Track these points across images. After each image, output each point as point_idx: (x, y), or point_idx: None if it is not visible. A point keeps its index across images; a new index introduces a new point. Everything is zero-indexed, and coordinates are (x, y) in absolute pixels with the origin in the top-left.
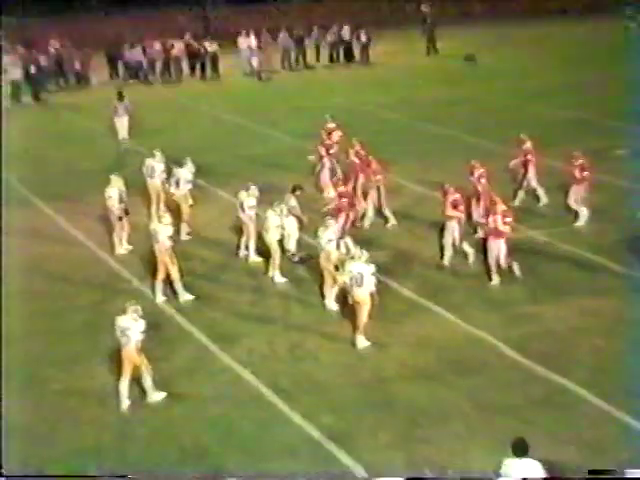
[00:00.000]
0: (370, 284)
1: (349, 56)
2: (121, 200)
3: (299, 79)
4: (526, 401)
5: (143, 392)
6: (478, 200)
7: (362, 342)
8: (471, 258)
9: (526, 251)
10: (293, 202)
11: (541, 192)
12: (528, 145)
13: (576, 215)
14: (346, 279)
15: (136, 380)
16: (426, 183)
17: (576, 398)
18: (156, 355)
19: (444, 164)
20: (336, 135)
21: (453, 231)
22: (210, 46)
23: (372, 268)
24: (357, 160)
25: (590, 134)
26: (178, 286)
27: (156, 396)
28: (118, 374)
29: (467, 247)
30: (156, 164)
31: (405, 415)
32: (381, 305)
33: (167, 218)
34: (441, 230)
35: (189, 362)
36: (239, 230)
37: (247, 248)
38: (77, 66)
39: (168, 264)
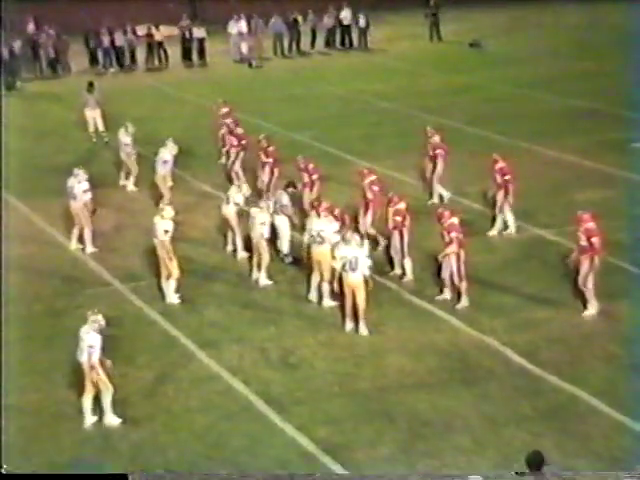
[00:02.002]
0: (364, 268)
1: (346, 42)
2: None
3: (292, 66)
4: (535, 411)
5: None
6: (367, 209)
7: (364, 329)
8: (409, 275)
9: (534, 251)
10: (285, 200)
11: (442, 190)
12: (437, 139)
13: (505, 223)
14: (338, 265)
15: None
16: (427, 178)
17: (588, 408)
18: (139, 362)
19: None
20: (228, 120)
21: (397, 241)
22: (197, 31)
23: (366, 251)
24: (266, 157)
25: (603, 125)
26: (168, 286)
27: (112, 420)
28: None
29: (407, 263)
30: (123, 137)
31: (406, 426)
32: (379, 308)
33: (168, 211)
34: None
35: (174, 370)
36: (225, 225)
37: (234, 243)
38: (51, 53)
39: (164, 260)
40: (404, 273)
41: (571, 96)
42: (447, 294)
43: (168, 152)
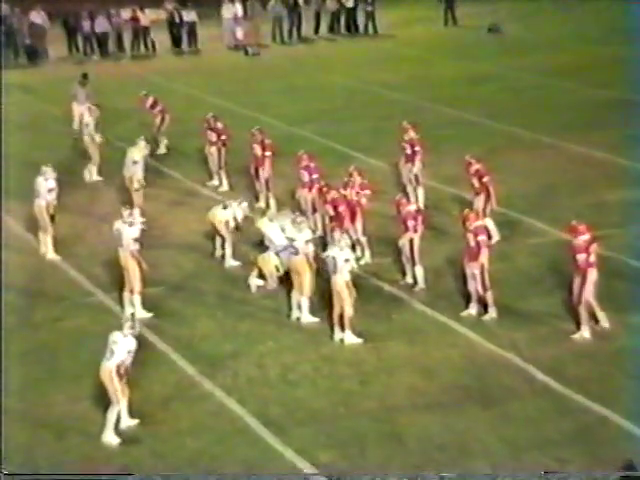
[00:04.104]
0: (345, 272)
1: (352, 26)
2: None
3: (293, 54)
4: (560, 435)
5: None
6: (354, 216)
7: (350, 338)
8: (420, 284)
9: (560, 258)
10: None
11: (420, 193)
12: (412, 135)
13: None
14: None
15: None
16: (441, 177)
17: (619, 431)
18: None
19: (462, 154)
20: (157, 110)
21: (407, 247)
22: (187, 14)
23: (346, 254)
24: (263, 151)
25: (631, 117)
26: (137, 299)
27: (128, 422)
28: (79, 401)
29: (419, 271)
30: (86, 117)
31: (417, 451)
32: (388, 320)
33: (136, 217)
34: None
35: (164, 388)
36: (213, 230)
37: (223, 247)
38: (27, 40)
39: (130, 271)
40: (415, 282)
41: (600, 85)
42: (473, 309)
43: (138, 152)
